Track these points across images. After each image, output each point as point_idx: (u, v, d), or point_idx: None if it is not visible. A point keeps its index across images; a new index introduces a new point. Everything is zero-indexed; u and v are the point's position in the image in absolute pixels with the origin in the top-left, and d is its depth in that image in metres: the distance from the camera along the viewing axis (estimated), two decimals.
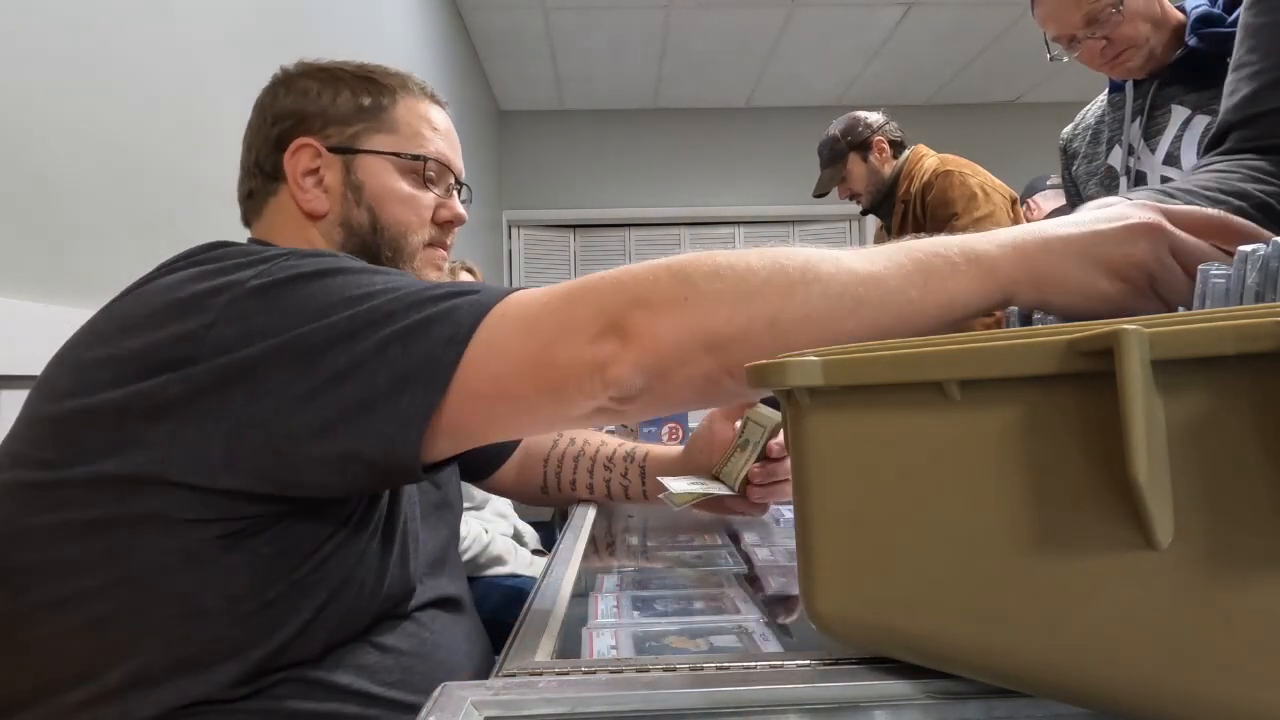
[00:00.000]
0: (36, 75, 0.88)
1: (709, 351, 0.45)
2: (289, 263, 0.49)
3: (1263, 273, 0.44)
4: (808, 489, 0.40)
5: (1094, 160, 1.39)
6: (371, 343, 0.45)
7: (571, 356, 0.45)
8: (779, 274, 0.45)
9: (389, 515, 0.59)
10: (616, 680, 0.38)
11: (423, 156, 0.68)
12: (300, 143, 0.66)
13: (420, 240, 0.70)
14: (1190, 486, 0.28)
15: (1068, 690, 0.31)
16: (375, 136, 0.67)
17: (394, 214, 0.68)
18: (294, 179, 0.66)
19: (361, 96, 0.68)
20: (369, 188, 0.67)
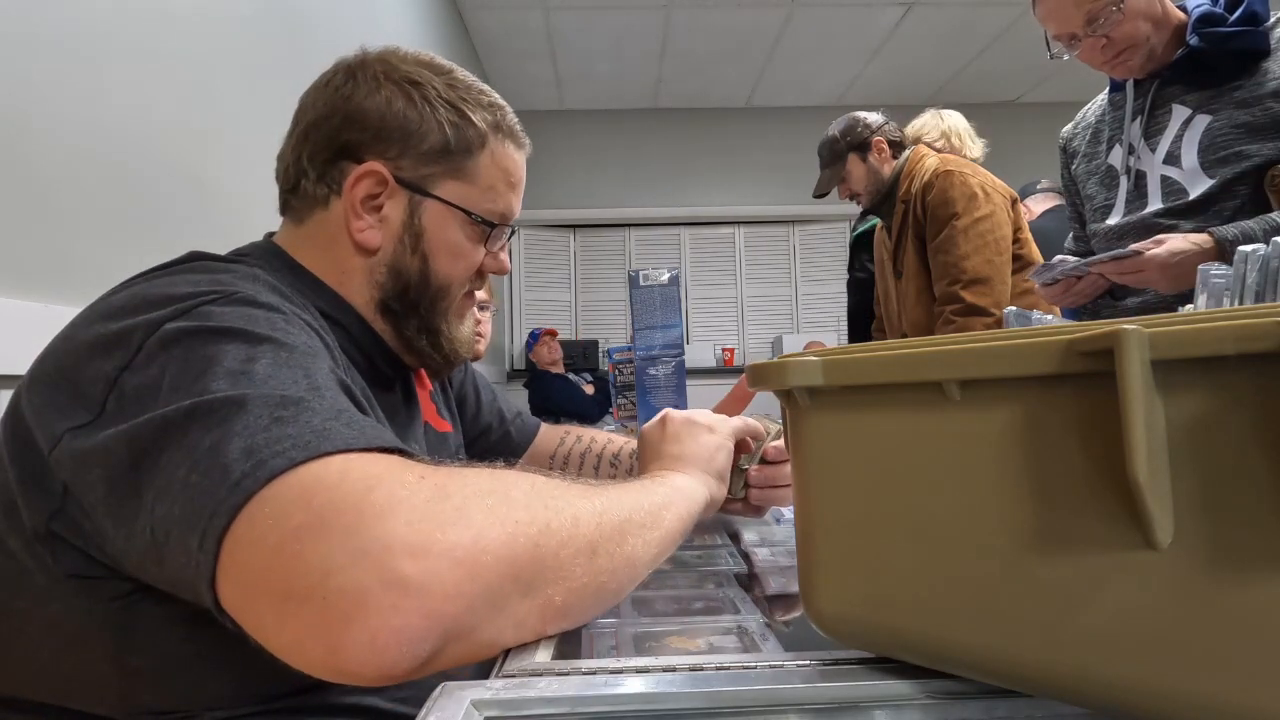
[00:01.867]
0: (36, 75, 0.88)
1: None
2: (212, 309, 0.46)
3: (1263, 272, 0.44)
4: (808, 489, 0.40)
5: (1094, 159, 1.39)
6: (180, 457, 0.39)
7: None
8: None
9: None
10: (616, 680, 0.38)
11: (492, 223, 0.65)
12: (371, 168, 0.60)
13: (460, 294, 0.67)
14: (1190, 486, 0.28)
15: (1068, 690, 0.31)
16: (450, 184, 0.63)
17: (445, 268, 0.64)
18: (352, 203, 0.61)
19: (449, 131, 0.62)
20: (430, 236, 0.63)
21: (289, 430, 0.38)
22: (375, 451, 0.40)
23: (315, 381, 0.44)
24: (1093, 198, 1.38)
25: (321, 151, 0.62)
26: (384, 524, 0.35)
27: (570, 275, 4.74)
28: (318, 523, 0.35)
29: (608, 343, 4.48)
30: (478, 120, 0.63)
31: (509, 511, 0.39)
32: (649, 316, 1.30)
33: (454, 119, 0.62)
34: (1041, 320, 0.74)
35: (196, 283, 0.50)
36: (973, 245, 1.71)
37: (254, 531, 0.35)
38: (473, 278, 0.68)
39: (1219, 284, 0.49)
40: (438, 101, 0.62)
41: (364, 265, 0.63)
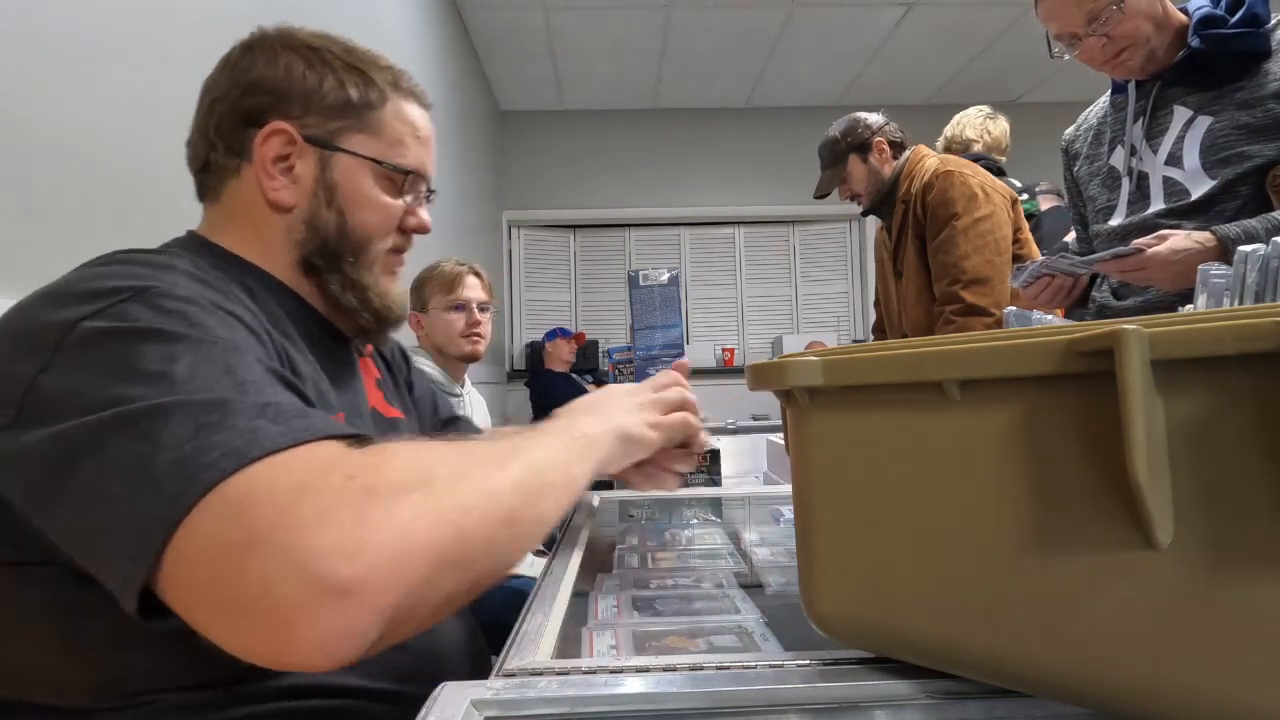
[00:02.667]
0: (36, 75, 0.88)
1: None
2: (128, 308, 0.45)
3: (1262, 272, 0.44)
4: (808, 489, 0.40)
5: (1096, 161, 1.39)
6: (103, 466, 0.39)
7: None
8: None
9: None
10: (616, 680, 0.38)
11: (404, 169, 0.66)
12: (276, 127, 0.61)
13: (384, 247, 0.68)
14: (1190, 486, 0.28)
15: (1068, 690, 0.31)
16: (357, 137, 0.64)
17: (363, 220, 0.65)
18: (263, 164, 0.62)
19: (349, 89, 0.64)
20: (343, 189, 0.64)
21: (216, 438, 0.39)
22: (305, 444, 0.40)
23: (238, 376, 0.44)
24: (1095, 199, 1.38)
25: (227, 123, 0.63)
26: (316, 535, 0.36)
27: (570, 275, 4.74)
28: (253, 538, 0.36)
29: (608, 343, 4.48)
30: (377, 78, 0.65)
31: (433, 502, 0.40)
32: (649, 316, 1.30)
33: (354, 77, 0.64)
34: (1041, 320, 0.74)
35: (111, 276, 0.49)
36: (973, 245, 1.71)
37: (191, 548, 0.36)
38: (395, 233, 0.68)
39: (1219, 284, 0.49)
40: (336, 63, 0.64)
41: (282, 225, 0.63)
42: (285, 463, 0.39)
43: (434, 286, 1.65)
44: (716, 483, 1.23)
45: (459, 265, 1.68)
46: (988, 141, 2.41)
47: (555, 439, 0.54)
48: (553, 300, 4.70)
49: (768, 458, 1.73)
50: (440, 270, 1.66)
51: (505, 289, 4.57)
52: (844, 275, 4.79)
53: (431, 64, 2.84)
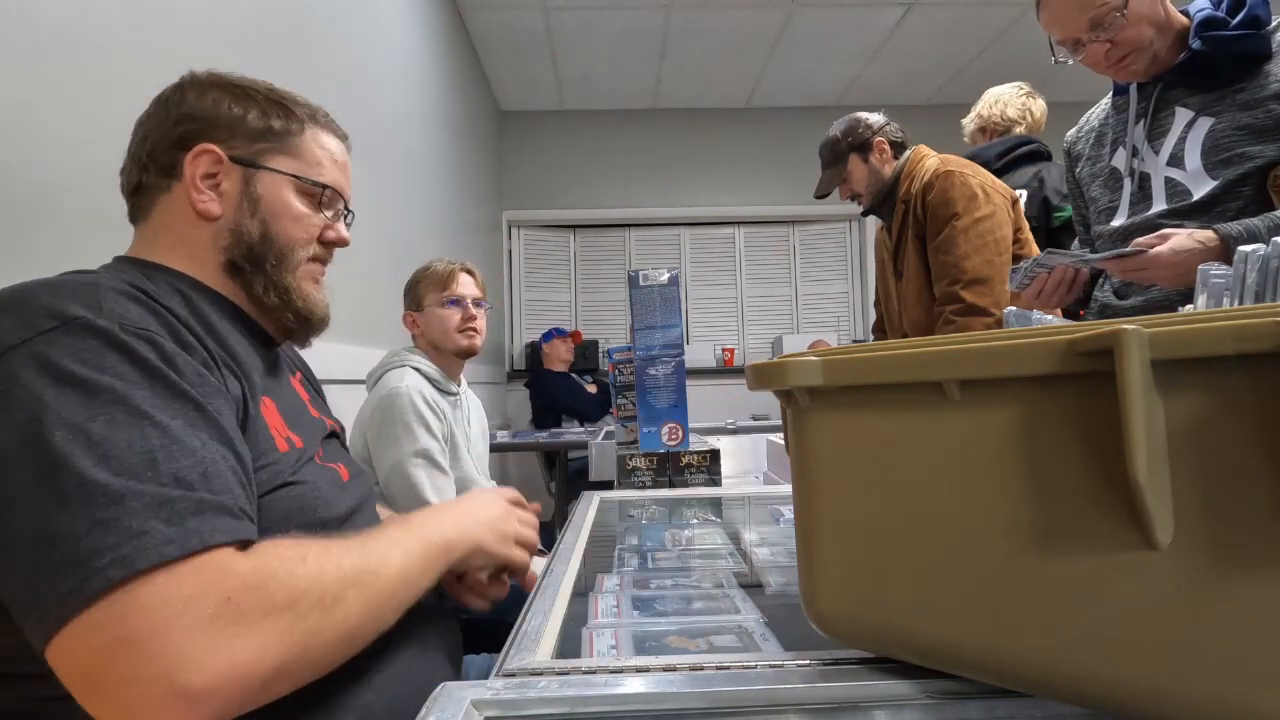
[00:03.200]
0: (36, 75, 0.88)
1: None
2: (54, 343, 0.49)
3: (1262, 272, 0.44)
4: (808, 489, 0.40)
5: (1098, 162, 1.39)
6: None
7: None
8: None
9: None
10: (616, 680, 0.38)
11: (322, 184, 0.74)
12: (204, 147, 0.68)
13: (305, 255, 0.74)
14: (1190, 486, 0.28)
15: (1068, 690, 0.31)
16: (279, 157, 0.72)
17: (285, 229, 0.72)
18: (191, 179, 0.68)
19: (271, 119, 0.72)
20: (266, 201, 0.71)
21: (108, 540, 0.44)
22: (193, 555, 0.45)
23: (149, 444, 0.48)
24: (1097, 200, 1.38)
25: (160, 148, 0.70)
26: (182, 648, 0.43)
27: (570, 275, 4.74)
28: (129, 640, 0.42)
29: (608, 343, 4.48)
30: (297, 111, 0.74)
31: (291, 627, 0.47)
32: (649, 316, 1.30)
33: (275, 109, 0.72)
34: (1041, 320, 0.74)
35: (43, 295, 0.53)
36: (973, 245, 1.71)
37: (76, 639, 0.43)
38: (316, 244, 0.75)
39: (1219, 284, 0.49)
40: (259, 97, 0.72)
41: (209, 233, 0.69)
42: (167, 582, 0.44)
43: (428, 285, 1.66)
44: (716, 483, 1.23)
45: (451, 264, 1.70)
46: (1030, 123, 2.22)
47: (418, 548, 0.61)
48: (553, 300, 4.70)
49: (768, 458, 1.73)
50: (433, 269, 1.68)
51: (505, 289, 4.57)
52: (844, 275, 4.79)
53: (431, 64, 2.84)
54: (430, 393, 1.56)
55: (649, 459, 1.23)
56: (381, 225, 2.17)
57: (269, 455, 0.63)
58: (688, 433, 1.29)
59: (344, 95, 1.83)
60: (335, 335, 1.73)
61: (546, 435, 3.18)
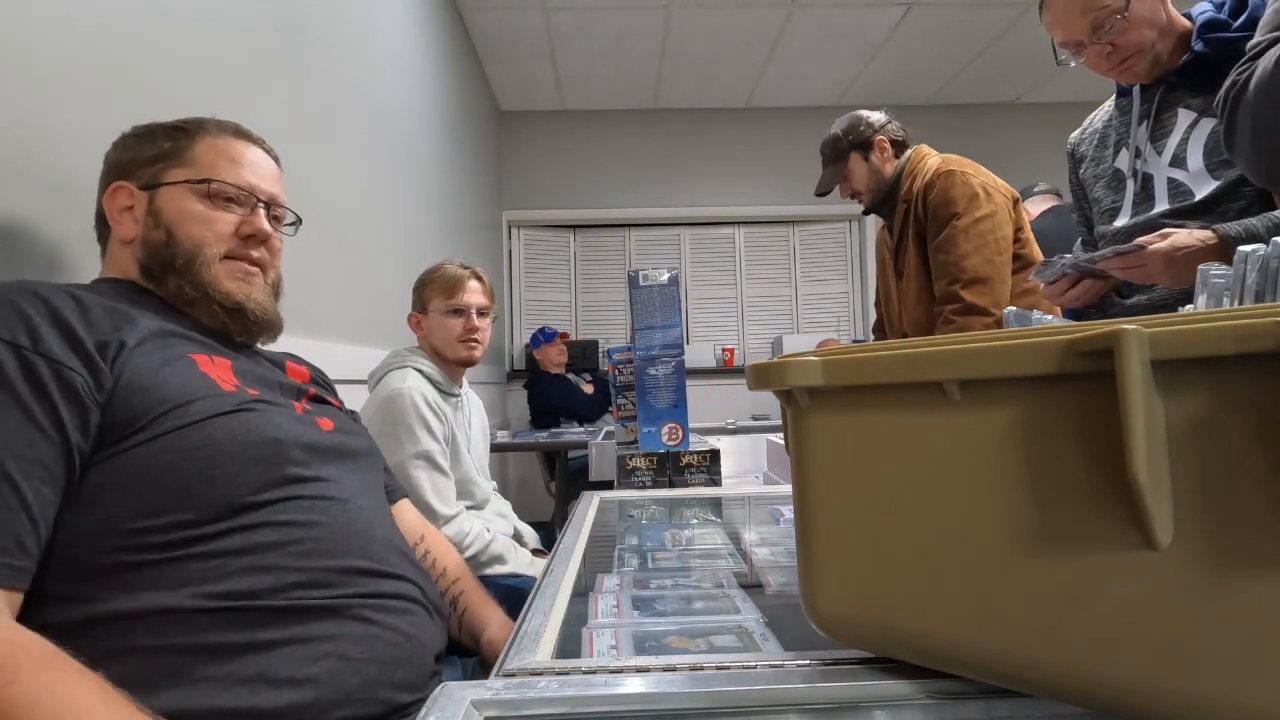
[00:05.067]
0: (36, 76, 0.88)
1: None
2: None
3: (1262, 272, 0.44)
4: (808, 489, 0.40)
5: (1101, 163, 1.39)
6: None
7: None
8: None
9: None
10: (616, 680, 0.38)
11: (209, 180, 0.78)
12: (115, 186, 0.79)
13: (216, 253, 0.79)
14: (1190, 486, 0.28)
15: (1068, 690, 0.31)
16: (174, 171, 0.79)
17: (188, 231, 0.78)
18: (111, 215, 0.79)
19: (165, 142, 0.79)
20: (166, 212, 0.78)
21: None
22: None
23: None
24: (1100, 201, 1.39)
25: (99, 201, 0.81)
26: None
27: (570, 275, 4.74)
28: None
29: (608, 343, 4.47)
30: (190, 126, 0.81)
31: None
32: (649, 316, 1.30)
33: (169, 133, 0.81)
34: (1041, 320, 0.74)
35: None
36: (973, 245, 1.71)
37: None
38: (229, 239, 0.80)
39: (1219, 284, 0.49)
40: (158, 129, 0.81)
41: (128, 252, 0.79)
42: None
43: (435, 289, 1.64)
44: (716, 483, 1.23)
45: (462, 269, 1.67)
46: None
47: None
48: (553, 300, 4.70)
49: (768, 458, 1.73)
50: (442, 272, 1.65)
51: (505, 289, 4.57)
52: (844, 275, 4.79)
53: (431, 64, 2.84)
54: (432, 394, 1.56)
55: (649, 459, 1.23)
56: (382, 225, 2.17)
57: (209, 390, 0.68)
58: (688, 433, 1.29)
59: (344, 95, 1.83)
60: (335, 335, 1.73)
61: (546, 435, 3.18)
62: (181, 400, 0.65)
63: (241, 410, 0.68)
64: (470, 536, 1.50)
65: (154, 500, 0.61)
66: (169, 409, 0.64)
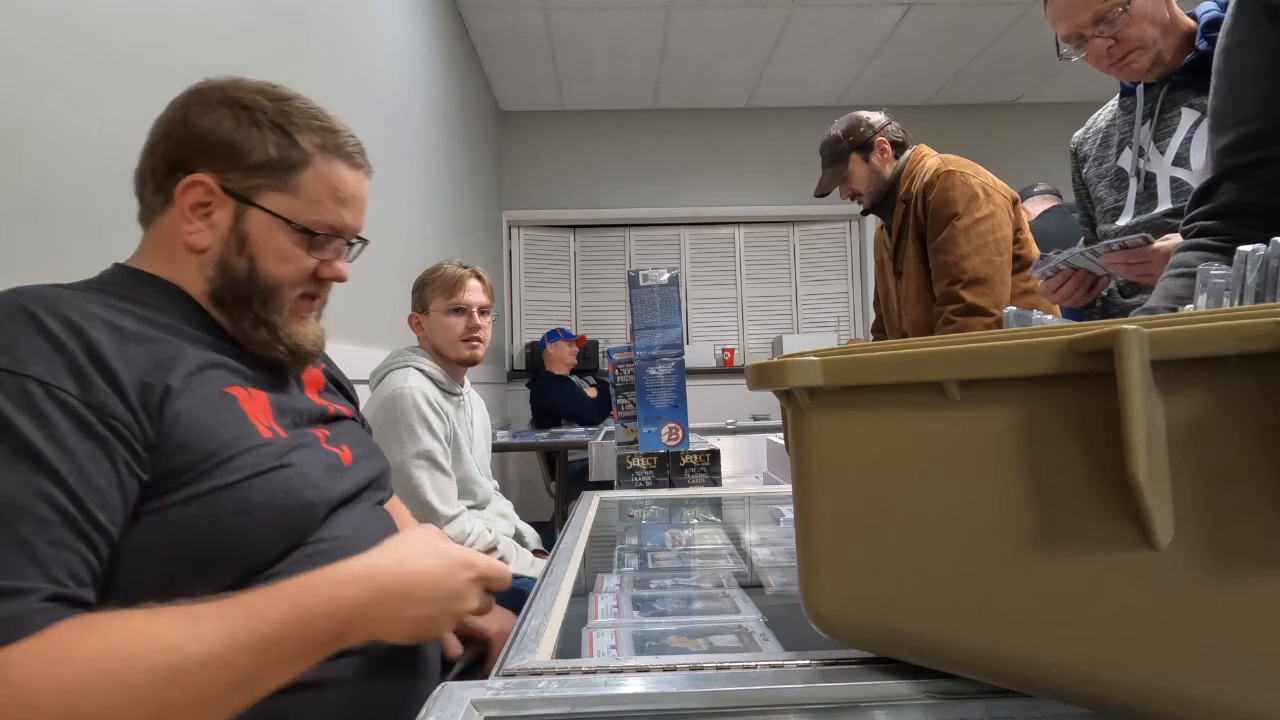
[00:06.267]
0: (36, 76, 0.88)
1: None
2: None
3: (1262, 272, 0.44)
4: (807, 489, 0.40)
5: (1104, 163, 1.40)
6: None
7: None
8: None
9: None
10: (616, 680, 0.38)
11: (312, 231, 0.71)
12: (197, 178, 0.67)
13: (294, 295, 0.73)
14: (1190, 486, 0.28)
15: (1068, 690, 0.31)
16: (274, 195, 0.69)
17: (272, 269, 0.70)
18: (181, 209, 0.68)
19: (271, 149, 0.68)
20: (254, 239, 0.69)
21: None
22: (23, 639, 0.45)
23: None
24: (1103, 200, 1.39)
25: (160, 164, 0.69)
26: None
27: (570, 275, 4.74)
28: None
29: (608, 343, 4.47)
30: (303, 141, 0.70)
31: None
32: (649, 316, 1.30)
33: (279, 139, 0.69)
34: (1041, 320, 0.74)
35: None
36: (973, 245, 1.71)
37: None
38: (307, 280, 0.73)
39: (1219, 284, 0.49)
40: (265, 124, 0.69)
41: (196, 263, 0.69)
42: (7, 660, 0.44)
43: (435, 289, 1.64)
44: (716, 483, 1.23)
45: (461, 268, 1.67)
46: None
47: (289, 642, 0.54)
48: (553, 300, 4.70)
49: (768, 458, 1.73)
50: (442, 272, 1.66)
51: (505, 289, 4.57)
52: (844, 275, 4.79)
53: (431, 64, 2.84)
54: (433, 393, 1.56)
55: (649, 459, 1.23)
56: (382, 225, 2.17)
57: (249, 440, 0.63)
58: (688, 433, 1.29)
59: (344, 95, 1.83)
60: (336, 335, 1.73)
61: (547, 435, 3.19)
62: (222, 456, 0.60)
63: (280, 468, 0.63)
64: (472, 537, 1.50)
65: (177, 572, 0.56)
66: (209, 467, 0.59)
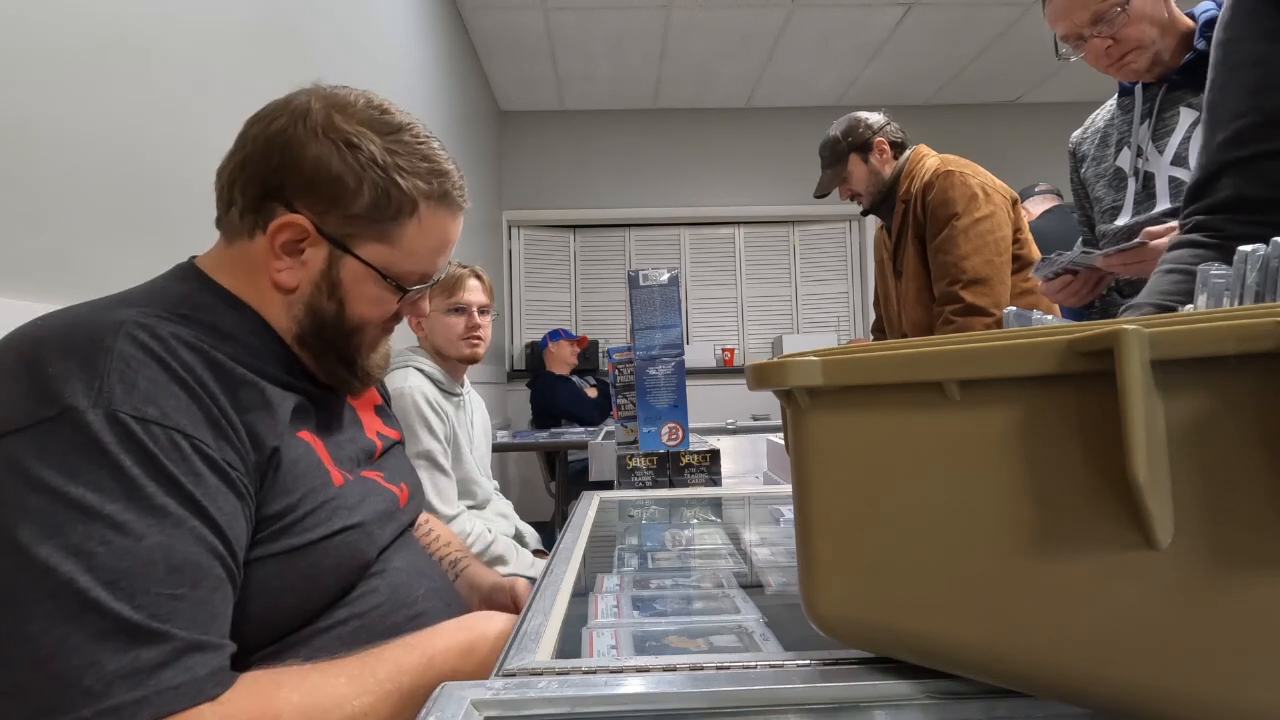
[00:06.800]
0: (37, 77, 0.88)
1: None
2: (22, 444, 0.47)
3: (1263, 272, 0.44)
4: (808, 489, 0.40)
5: (1102, 162, 1.40)
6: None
7: None
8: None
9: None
10: (616, 680, 0.38)
11: (405, 289, 0.69)
12: (292, 220, 0.63)
13: (376, 335, 0.72)
14: (1190, 486, 0.28)
15: (1068, 690, 0.31)
16: (371, 245, 0.66)
17: (360, 312, 0.68)
18: (273, 247, 0.64)
19: (378, 195, 0.64)
20: (345, 286, 0.67)
21: (142, 692, 0.43)
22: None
23: (118, 589, 0.45)
24: (1101, 200, 1.39)
25: (253, 186, 0.64)
26: None
27: (570, 275, 4.74)
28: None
29: (608, 343, 4.48)
30: (408, 188, 0.65)
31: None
32: (649, 316, 1.30)
33: (384, 185, 0.64)
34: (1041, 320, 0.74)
35: (51, 353, 0.50)
36: (973, 245, 1.71)
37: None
38: (392, 319, 0.73)
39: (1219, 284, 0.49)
40: (370, 166, 0.64)
41: (282, 301, 0.67)
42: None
43: (435, 288, 1.64)
44: (716, 483, 1.23)
45: (461, 268, 1.68)
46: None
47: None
48: (553, 300, 4.70)
49: (768, 458, 1.73)
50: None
51: (505, 289, 4.57)
52: (844, 275, 4.79)
53: (431, 64, 2.84)
54: (433, 394, 1.56)
55: (649, 459, 1.23)
56: None
57: (324, 492, 0.62)
58: (688, 433, 1.29)
59: None
60: None
61: (547, 435, 3.19)
62: (301, 511, 0.59)
63: (350, 529, 0.63)
64: (472, 537, 1.50)
65: (246, 624, 0.55)
66: (289, 522, 0.58)
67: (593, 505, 1.03)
